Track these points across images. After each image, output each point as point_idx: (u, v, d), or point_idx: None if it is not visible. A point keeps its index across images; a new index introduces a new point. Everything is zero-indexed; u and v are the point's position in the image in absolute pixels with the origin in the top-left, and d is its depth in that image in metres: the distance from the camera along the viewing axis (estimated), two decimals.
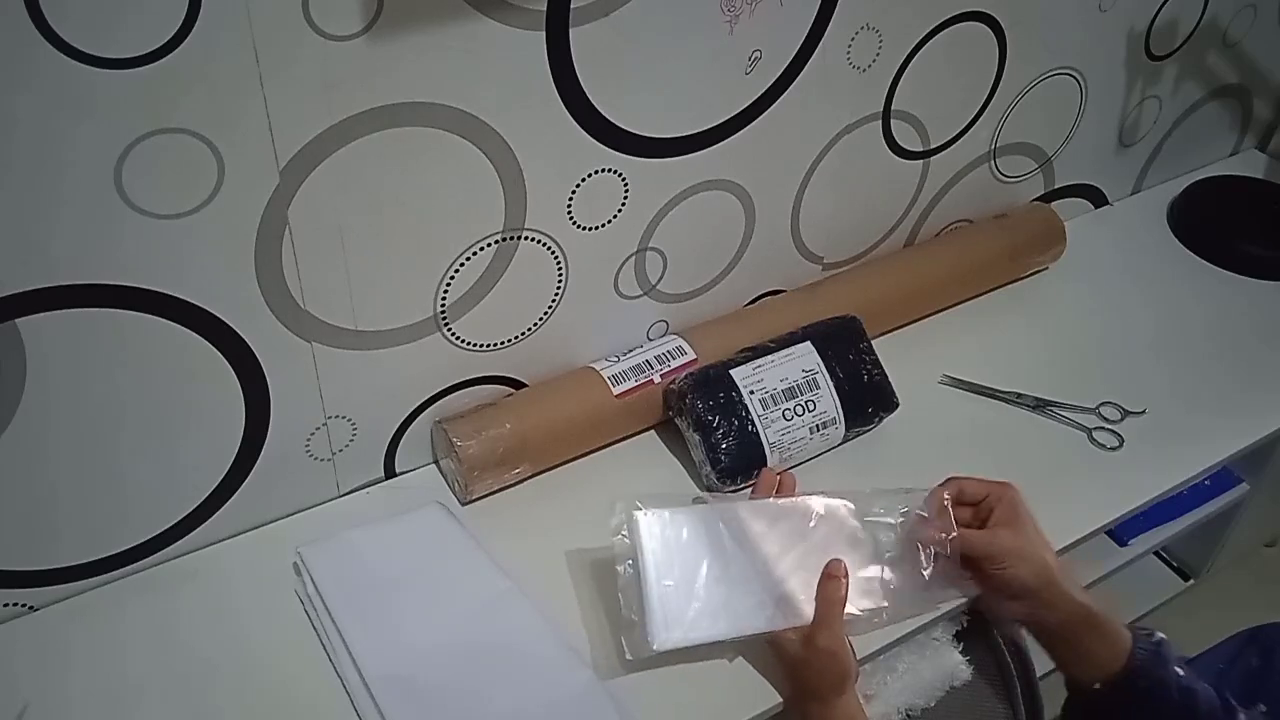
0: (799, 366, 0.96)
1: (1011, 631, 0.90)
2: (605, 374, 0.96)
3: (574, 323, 0.96)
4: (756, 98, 0.92)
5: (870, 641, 0.82)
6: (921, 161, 1.10)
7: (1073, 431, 1.01)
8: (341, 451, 0.90)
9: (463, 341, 0.90)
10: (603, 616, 0.83)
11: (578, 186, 0.87)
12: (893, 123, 1.03)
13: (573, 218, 0.88)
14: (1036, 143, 1.19)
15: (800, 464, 0.96)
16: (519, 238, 0.87)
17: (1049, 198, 1.27)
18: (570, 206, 0.88)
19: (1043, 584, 0.77)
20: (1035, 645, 0.84)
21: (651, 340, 1.01)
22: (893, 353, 1.02)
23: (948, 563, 0.81)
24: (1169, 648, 0.76)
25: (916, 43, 0.99)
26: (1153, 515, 1.14)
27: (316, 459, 0.89)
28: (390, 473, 0.95)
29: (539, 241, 0.88)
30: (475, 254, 0.85)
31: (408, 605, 0.82)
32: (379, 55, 0.71)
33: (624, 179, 0.89)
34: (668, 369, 0.97)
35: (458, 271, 0.86)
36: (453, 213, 0.82)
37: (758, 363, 0.95)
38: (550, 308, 0.93)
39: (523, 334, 0.94)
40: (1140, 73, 1.20)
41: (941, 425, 1.02)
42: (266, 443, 0.85)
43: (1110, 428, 1.02)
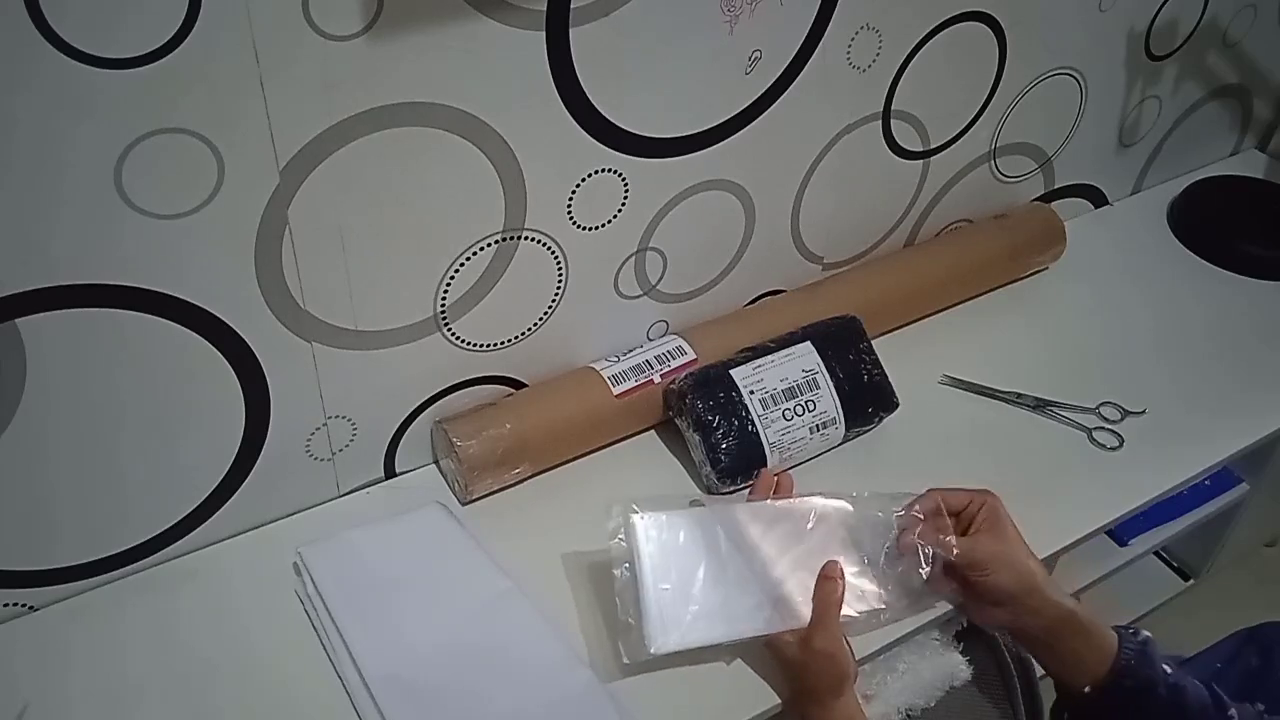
0: (799, 366, 0.96)
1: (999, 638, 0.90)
2: (605, 374, 0.96)
3: (574, 323, 0.96)
4: (756, 98, 0.91)
5: (870, 642, 0.82)
6: (921, 161, 1.10)
7: (1073, 431, 1.01)
8: (341, 451, 0.90)
9: (463, 341, 0.90)
10: (600, 619, 0.83)
11: (578, 186, 0.87)
12: (893, 123, 1.03)
13: (573, 218, 0.88)
14: (1036, 143, 1.19)
15: (800, 464, 0.96)
16: (519, 238, 0.87)
17: (1049, 198, 1.27)
18: (570, 206, 0.88)
19: (1025, 590, 0.77)
20: None
21: (651, 340, 1.01)
22: (893, 353, 1.02)
23: (945, 564, 0.81)
24: (1155, 646, 0.76)
25: (916, 43, 0.99)
26: (1153, 515, 1.14)
27: (316, 459, 0.89)
28: (390, 473, 0.95)
29: (539, 241, 0.88)
30: (475, 254, 0.85)
31: (408, 605, 0.82)
32: (379, 55, 0.71)
33: (624, 179, 0.89)
34: (668, 369, 0.97)
35: (458, 271, 0.86)
36: (453, 213, 0.82)
37: (758, 363, 0.95)
38: (550, 308, 0.93)
39: (522, 334, 0.94)
40: (1140, 73, 1.20)
41: (941, 425, 1.02)
42: (266, 443, 0.85)
43: (1110, 428, 1.02)
